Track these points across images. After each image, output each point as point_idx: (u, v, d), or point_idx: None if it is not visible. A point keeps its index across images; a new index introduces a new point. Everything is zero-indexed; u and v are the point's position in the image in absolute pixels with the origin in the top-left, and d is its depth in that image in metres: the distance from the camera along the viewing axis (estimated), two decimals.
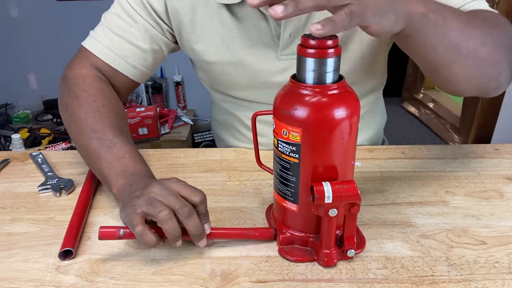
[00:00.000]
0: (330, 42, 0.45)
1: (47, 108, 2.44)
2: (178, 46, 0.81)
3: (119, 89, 0.77)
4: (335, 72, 0.48)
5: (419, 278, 0.50)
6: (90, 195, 0.67)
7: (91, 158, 0.65)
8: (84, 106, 0.68)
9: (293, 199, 0.52)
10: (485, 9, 0.64)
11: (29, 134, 2.00)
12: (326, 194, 0.47)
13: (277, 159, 0.52)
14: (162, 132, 2.19)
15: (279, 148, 0.51)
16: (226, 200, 0.67)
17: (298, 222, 0.54)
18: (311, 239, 0.54)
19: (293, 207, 0.53)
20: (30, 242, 0.58)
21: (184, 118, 2.32)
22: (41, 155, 0.80)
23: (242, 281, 0.51)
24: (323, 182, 0.48)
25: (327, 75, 0.47)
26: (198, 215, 0.52)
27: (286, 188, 0.52)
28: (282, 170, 0.52)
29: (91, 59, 0.75)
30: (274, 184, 0.55)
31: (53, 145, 1.93)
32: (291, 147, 0.49)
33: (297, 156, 0.49)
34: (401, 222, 0.61)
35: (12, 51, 2.48)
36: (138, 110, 2.10)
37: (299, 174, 0.50)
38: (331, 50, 0.46)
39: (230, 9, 0.71)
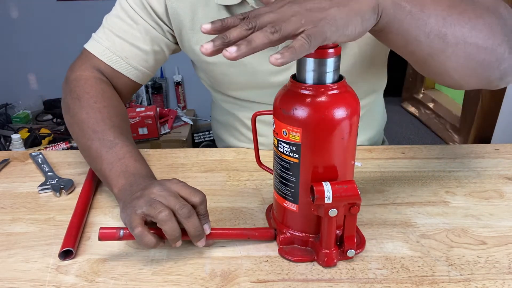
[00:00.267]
0: None
1: (47, 108, 2.44)
2: (179, 47, 0.81)
3: (121, 90, 0.77)
4: (335, 72, 0.48)
5: (419, 278, 0.50)
6: (90, 195, 0.67)
7: (93, 158, 0.65)
8: (85, 108, 0.69)
9: (293, 199, 0.52)
10: None
11: (29, 134, 2.00)
12: (326, 194, 0.47)
13: (277, 159, 0.52)
14: (162, 132, 2.19)
15: (279, 148, 0.51)
16: (226, 200, 0.67)
17: (298, 222, 0.54)
18: (311, 239, 0.54)
19: (293, 207, 0.53)
20: (30, 242, 0.58)
21: (184, 118, 2.32)
22: (41, 155, 0.80)
23: (242, 281, 0.51)
24: (323, 182, 0.48)
25: (327, 75, 0.47)
26: (198, 216, 0.52)
27: (286, 188, 0.52)
28: (282, 170, 0.52)
29: (93, 61, 0.75)
30: (274, 184, 0.55)
31: (53, 145, 1.93)
32: (291, 147, 0.49)
33: (297, 156, 0.49)
34: (401, 222, 0.61)
35: (12, 51, 2.49)
36: (138, 110, 2.10)
37: (299, 174, 0.50)
38: (331, 50, 0.46)
39: (230, 10, 0.71)
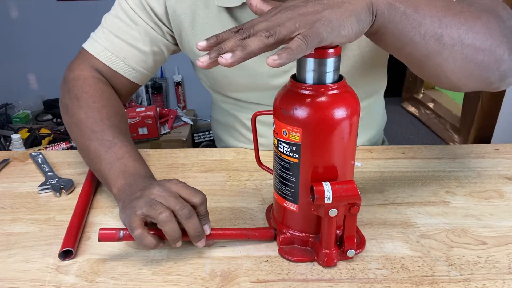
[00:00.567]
0: None
1: (47, 108, 2.44)
2: (178, 48, 0.80)
3: (120, 91, 0.77)
4: (335, 72, 0.48)
5: (419, 278, 0.50)
6: (90, 195, 0.67)
7: (91, 158, 0.65)
8: (84, 107, 0.68)
9: (293, 199, 0.52)
10: None
11: (29, 134, 2.00)
12: (326, 194, 0.47)
13: (277, 159, 0.52)
14: (162, 132, 2.19)
15: (279, 148, 0.51)
16: (226, 200, 0.67)
17: (298, 222, 0.54)
18: (311, 239, 0.54)
19: (293, 207, 0.53)
20: (30, 242, 0.58)
21: (184, 118, 2.32)
22: (41, 155, 0.80)
23: (242, 281, 0.51)
24: (323, 182, 0.48)
25: (327, 75, 0.47)
26: (198, 216, 0.52)
27: (286, 188, 0.52)
28: (282, 170, 0.52)
29: (92, 61, 0.75)
30: (274, 184, 0.55)
31: (53, 145, 1.93)
32: (291, 147, 0.49)
33: (297, 156, 0.49)
34: (401, 222, 0.61)
35: (12, 51, 2.49)
36: (138, 110, 2.10)
37: (299, 174, 0.50)
38: (331, 50, 0.46)
39: (230, 12, 0.71)
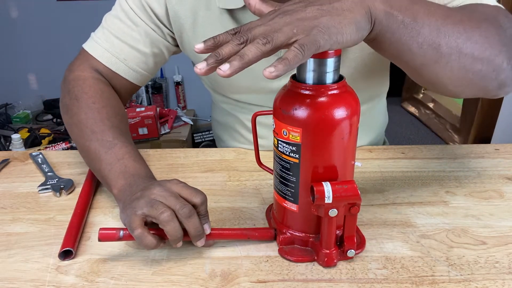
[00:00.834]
0: None
1: (47, 108, 2.44)
2: (179, 49, 0.80)
3: (120, 91, 0.77)
4: (335, 72, 0.48)
5: (419, 278, 0.50)
6: (90, 195, 0.67)
7: (92, 159, 0.65)
8: (84, 108, 0.68)
9: (293, 199, 0.52)
10: (482, 3, 0.59)
11: (29, 134, 2.00)
12: (326, 194, 0.47)
13: (277, 159, 0.52)
14: (162, 132, 2.19)
15: (279, 148, 0.51)
16: (226, 200, 0.67)
17: (298, 222, 0.54)
18: (311, 239, 0.54)
19: (293, 207, 0.53)
20: (30, 242, 0.58)
21: (184, 118, 2.32)
22: (41, 155, 0.80)
23: (242, 281, 0.51)
24: (323, 182, 0.48)
25: (327, 75, 0.47)
26: (198, 216, 0.52)
27: (286, 188, 0.52)
28: (282, 170, 0.52)
29: (92, 62, 0.75)
30: (274, 184, 0.55)
31: (53, 145, 1.93)
32: (291, 147, 0.49)
33: (297, 156, 0.49)
34: (401, 222, 0.61)
35: (12, 51, 2.48)
36: (138, 110, 2.10)
37: (299, 174, 0.50)
38: (331, 51, 0.46)
39: (232, 14, 0.71)
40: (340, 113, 0.47)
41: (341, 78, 0.49)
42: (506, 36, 0.54)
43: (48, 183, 0.70)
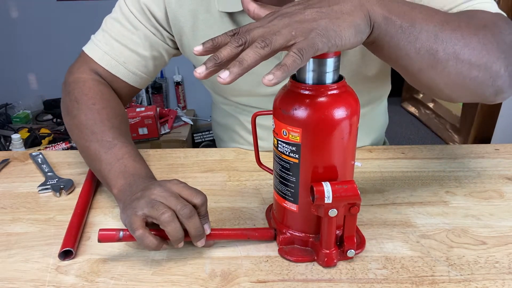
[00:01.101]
0: None
1: (47, 108, 2.44)
2: (179, 52, 0.80)
3: (120, 94, 0.77)
4: (335, 72, 0.48)
5: (419, 278, 0.50)
6: (90, 195, 0.67)
7: (92, 160, 0.65)
8: (84, 109, 0.69)
9: (293, 199, 0.52)
10: (483, 9, 0.59)
11: (29, 134, 2.00)
12: (326, 194, 0.47)
13: (277, 159, 0.52)
14: (162, 132, 2.19)
15: (279, 148, 0.51)
16: (226, 200, 0.67)
17: (298, 222, 0.54)
18: (311, 239, 0.54)
19: (293, 207, 0.53)
20: (30, 242, 0.58)
21: (184, 118, 2.32)
22: (41, 155, 0.80)
23: (242, 281, 0.51)
24: (323, 182, 0.48)
25: (327, 75, 0.47)
26: (198, 216, 0.52)
27: (286, 188, 0.52)
28: (282, 170, 0.52)
29: (91, 65, 0.75)
30: (274, 184, 0.55)
31: (53, 145, 1.93)
32: (291, 147, 0.49)
33: (297, 156, 0.49)
34: (401, 222, 0.61)
35: (12, 51, 2.48)
36: (138, 110, 2.10)
37: (299, 174, 0.50)
38: (329, 52, 0.46)
39: (232, 17, 0.71)
40: (340, 113, 0.47)
41: (340, 78, 0.49)
42: (505, 43, 0.53)
43: (48, 183, 0.70)
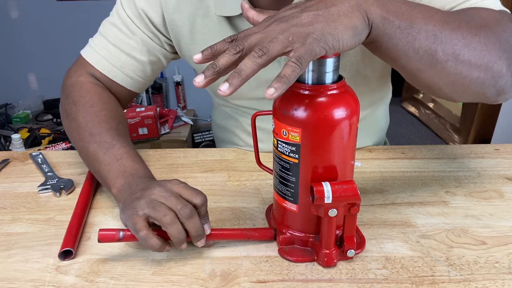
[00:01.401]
0: None
1: (47, 108, 2.44)
2: (177, 56, 0.80)
3: (118, 98, 0.77)
4: (335, 72, 0.47)
5: (419, 278, 0.50)
6: (90, 195, 0.67)
7: (91, 161, 0.65)
8: (82, 112, 0.69)
9: (293, 199, 0.52)
10: (486, 7, 0.57)
11: (29, 134, 2.00)
12: (326, 194, 0.47)
13: (276, 159, 0.52)
14: (162, 132, 2.19)
15: (279, 148, 0.51)
16: (226, 200, 0.67)
17: (298, 222, 0.54)
18: (311, 239, 0.54)
19: (293, 207, 0.53)
20: (30, 242, 0.58)
21: (184, 118, 2.32)
22: (41, 155, 0.80)
23: (242, 281, 0.51)
24: (323, 182, 0.48)
25: (327, 75, 0.47)
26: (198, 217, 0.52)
27: (286, 188, 0.52)
28: (282, 170, 0.52)
29: (88, 69, 0.75)
30: (274, 184, 0.55)
31: (53, 145, 1.93)
32: (291, 147, 0.49)
33: (296, 156, 0.49)
34: (401, 222, 0.61)
35: (12, 51, 2.48)
36: (138, 110, 2.10)
37: (299, 174, 0.50)
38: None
39: (230, 21, 0.70)
40: (339, 113, 0.47)
41: (340, 78, 0.49)
42: (507, 42, 0.53)
43: (48, 183, 0.70)
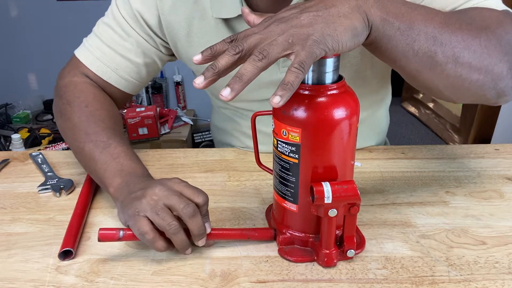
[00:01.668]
0: None
1: (47, 108, 2.44)
2: (173, 57, 0.79)
3: (112, 99, 0.76)
4: (335, 72, 0.47)
5: (419, 278, 0.50)
6: (90, 195, 0.67)
7: (86, 161, 0.64)
8: (76, 112, 0.68)
9: (292, 199, 0.52)
10: (489, 7, 0.57)
11: (29, 134, 2.00)
12: (326, 194, 0.47)
13: (276, 160, 0.52)
14: (162, 132, 2.19)
15: (279, 148, 0.51)
16: (226, 200, 0.67)
17: (297, 222, 0.54)
18: (311, 239, 0.54)
19: (292, 207, 0.53)
20: (30, 242, 0.58)
21: (184, 118, 2.32)
22: (41, 155, 0.80)
23: (242, 281, 0.51)
24: (323, 182, 0.48)
25: (326, 75, 0.47)
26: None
27: (286, 188, 0.52)
28: (282, 170, 0.52)
29: (82, 69, 0.74)
30: (273, 184, 0.55)
31: (53, 145, 1.93)
32: (291, 148, 0.49)
33: (296, 156, 0.49)
34: (401, 222, 0.61)
35: (12, 51, 2.49)
36: (138, 110, 2.10)
37: (299, 174, 0.50)
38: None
39: (227, 23, 0.69)
40: (339, 113, 0.47)
41: (340, 78, 0.49)
42: (509, 44, 0.52)
43: (48, 183, 0.70)
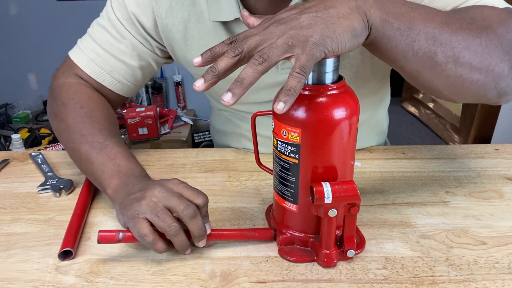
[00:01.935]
0: None
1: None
2: (169, 60, 0.79)
3: (107, 101, 0.76)
4: (334, 72, 0.47)
5: (419, 278, 0.50)
6: (90, 195, 0.67)
7: (83, 162, 0.64)
8: (71, 113, 0.68)
9: (292, 200, 0.52)
10: (491, 5, 0.56)
11: (29, 134, 2.00)
12: (326, 195, 0.47)
13: (276, 160, 0.52)
14: (162, 132, 2.19)
15: (279, 148, 0.51)
16: (226, 200, 0.67)
17: (297, 223, 0.54)
18: (311, 240, 0.54)
19: (292, 208, 0.53)
20: (30, 242, 0.58)
21: (184, 118, 2.32)
22: (41, 155, 0.80)
23: (242, 281, 0.51)
24: (323, 183, 0.48)
25: (326, 75, 0.47)
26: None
27: (286, 188, 0.52)
28: (282, 170, 0.52)
29: (76, 71, 0.73)
30: (273, 184, 0.55)
31: (53, 145, 1.93)
32: (291, 148, 0.49)
33: (296, 156, 0.49)
34: (401, 222, 0.61)
35: (12, 51, 2.49)
36: (138, 110, 2.10)
37: (299, 174, 0.50)
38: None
39: (225, 26, 0.69)
40: (339, 113, 0.47)
41: (340, 78, 0.49)
42: (510, 44, 0.52)
43: (48, 183, 0.70)
